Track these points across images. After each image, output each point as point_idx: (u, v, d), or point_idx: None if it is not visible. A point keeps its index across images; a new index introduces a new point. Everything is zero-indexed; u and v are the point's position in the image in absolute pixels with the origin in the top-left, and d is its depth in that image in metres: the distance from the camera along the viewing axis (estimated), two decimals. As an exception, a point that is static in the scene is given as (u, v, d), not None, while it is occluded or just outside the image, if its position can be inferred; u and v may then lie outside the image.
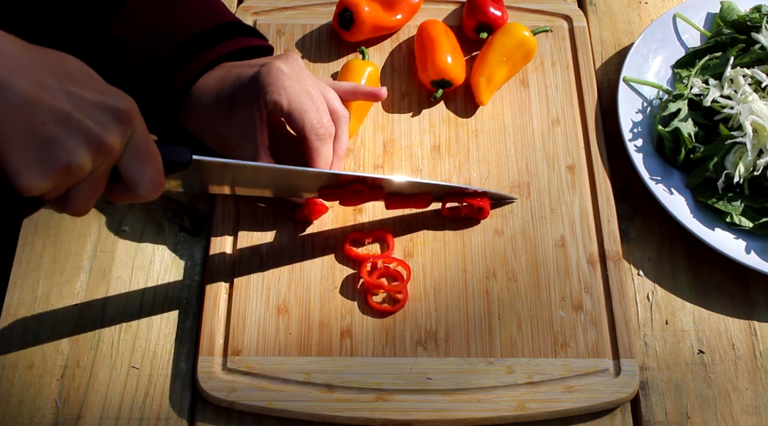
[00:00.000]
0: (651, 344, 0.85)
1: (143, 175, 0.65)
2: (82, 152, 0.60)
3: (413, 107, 0.98)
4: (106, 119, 0.61)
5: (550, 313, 0.84)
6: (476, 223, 0.89)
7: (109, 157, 0.62)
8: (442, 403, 0.79)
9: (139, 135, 0.64)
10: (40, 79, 0.59)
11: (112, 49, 0.84)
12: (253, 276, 0.86)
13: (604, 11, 1.07)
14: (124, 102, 0.62)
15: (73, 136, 0.60)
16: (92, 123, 0.60)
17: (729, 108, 0.93)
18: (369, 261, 0.85)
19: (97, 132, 0.61)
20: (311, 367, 0.80)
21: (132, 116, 0.63)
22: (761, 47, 0.97)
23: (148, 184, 0.66)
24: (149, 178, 0.65)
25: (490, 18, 0.99)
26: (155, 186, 0.66)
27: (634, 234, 0.91)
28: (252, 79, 0.83)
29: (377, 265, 0.85)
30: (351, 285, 0.85)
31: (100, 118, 0.61)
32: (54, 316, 0.83)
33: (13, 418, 0.78)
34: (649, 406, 0.81)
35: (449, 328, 0.83)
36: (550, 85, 1.00)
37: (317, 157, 0.84)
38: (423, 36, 0.99)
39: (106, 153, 0.62)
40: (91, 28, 0.84)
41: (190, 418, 0.79)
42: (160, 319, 0.84)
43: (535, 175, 0.93)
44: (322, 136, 0.84)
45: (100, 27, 0.84)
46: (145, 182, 0.66)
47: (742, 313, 0.87)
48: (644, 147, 0.94)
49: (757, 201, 0.90)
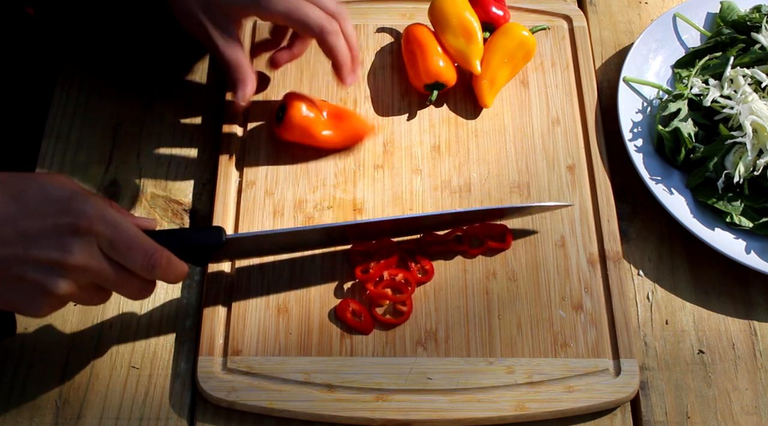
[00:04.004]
0: (651, 344, 0.85)
1: (135, 262, 0.68)
2: (53, 281, 0.65)
3: (413, 107, 0.98)
4: (64, 241, 0.65)
5: (550, 313, 0.84)
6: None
7: (88, 268, 0.66)
8: (442, 403, 0.79)
9: (107, 232, 0.66)
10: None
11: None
12: (253, 276, 0.86)
13: (604, 11, 1.07)
14: (78, 211, 0.65)
15: (39, 272, 0.64)
16: (50, 252, 0.64)
17: (729, 108, 0.93)
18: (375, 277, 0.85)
19: (58, 259, 0.65)
20: (311, 367, 0.80)
21: (90, 222, 0.65)
22: (761, 47, 0.97)
23: (146, 267, 0.69)
24: (143, 263, 0.68)
25: (492, 17, 0.99)
26: (153, 267, 0.69)
27: (634, 234, 0.91)
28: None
29: (383, 277, 0.85)
30: (351, 285, 0.85)
31: (57, 244, 0.64)
32: (54, 316, 0.83)
33: (13, 418, 0.78)
34: (649, 406, 0.81)
35: (449, 328, 0.83)
36: (550, 85, 1.00)
37: (336, 53, 0.85)
38: (410, 41, 0.98)
39: (80, 269, 0.66)
40: None
41: (190, 418, 0.79)
42: (160, 319, 0.84)
43: (535, 175, 0.93)
44: (332, 32, 0.85)
45: None
46: (141, 266, 0.69)
47: (742, 313, 0.87)
48: (644, 147, 0.94)
49: (757, 201, 0.90)
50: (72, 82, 0.97)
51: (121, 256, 0.68)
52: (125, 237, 0.67)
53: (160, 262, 0.69)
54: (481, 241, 0.88)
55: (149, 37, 0.89)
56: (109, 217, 0.67)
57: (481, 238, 0.88)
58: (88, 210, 0.66)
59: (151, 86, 0.98)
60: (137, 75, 0.98)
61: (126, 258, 0.68)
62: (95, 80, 0.98)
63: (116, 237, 0.67)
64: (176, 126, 0.95)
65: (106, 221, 0.66)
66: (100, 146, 0.94)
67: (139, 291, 0.71)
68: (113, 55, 0.98)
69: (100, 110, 0.96)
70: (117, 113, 0.96)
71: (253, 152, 0.93)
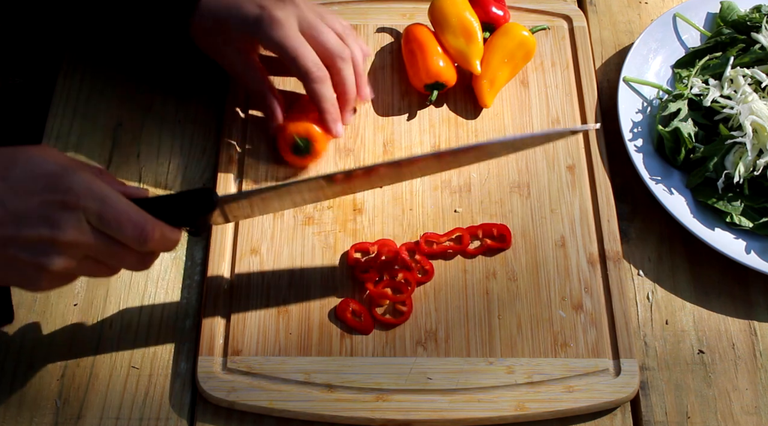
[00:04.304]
0: (651, 344, 0.85)
1: (126, 236, 0.68)
2: (48, 259, 0.65)
3: (413, 107, 0.98)
4: (53, 218, 0.65)
5: (550, 313, 0.84)
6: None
7: (79, 243, 0.66)
8: (442, 403, 0.79)
9: (95, 207, 0.66)
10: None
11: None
12: (253, 276, 0.86)
13: (604, 11, 1.07)
14: (65, 187, 0.65)
15: (32, 251, 0.65)
16: (40, 230, 0.64)
17: (729, 108, 0.93)
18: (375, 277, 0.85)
19: (48, 236, 0.64)
20: (311, 367, 0.80)
21: (78, 197, 0.65)
22: (761, 47, 0.97)
23: (137, 240, 0.68)
24: (134, 237, 0.68)
25: (492, 17, 0.99)
26: (145, 239, 0.68)
27: (634, 234, 0.91)
28: (249, 16, 0.84)
29: (383, 277, 0.85)
30: (351, 284, 0.85)
31: (46, 221, 0.64)
32: (54, 317, 0.83)
33: (13, 418, 0.78)
34: (649, 406, 0.81)
35: (449, 328, 0.83)
36: (550, 85, 1.00)
37: (318, 99, 0.86)
38: (410, 41, 0.98)
39: (72, 245, 0.65)
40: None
41: (190, 418, 0.79)
42: (160, 319, 0.84)
43: (535, 175, 0.93)
44: (318, 79, 0.85)
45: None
46: (132, 240, 0.68)
47: (742, 313, 0.87)
48: (644, 147, 0.94)
49: (757, 201, 0.90)
50: (72, 82, 0.98)
51: (112, 230, 0.67)
52: (114, 211, 0.67)
53: (151, 235, 0.68)
54: (481, 241, 0.88)
55: (150, 39, 0.90)
56: (98, 191, 0.66)
57: (481, 238, 0.88)
58: (76, 185, 0.65)
59: (151, 86, 0.98)
60: (137, 75, 0.98)
61: (116, 232, 0.67)
62: (95, 80, 0.98)
63: (105, 211, 0.66)
64: (176, 126, 0.95)
65: (94, 196, 0.66)
66: (100, 146, 0.94)
67: (138, 263, 0.71)
68: (113, 56, 0.98)
69: (100, 110, 0.96)
70: (117, 113, 0.96)
71: (253, 152, 0.93)
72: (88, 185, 0.66)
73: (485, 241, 0.88)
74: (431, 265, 0.86)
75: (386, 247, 0.87)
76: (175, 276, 0.86)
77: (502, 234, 0.88)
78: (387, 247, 0.87)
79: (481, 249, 0.87)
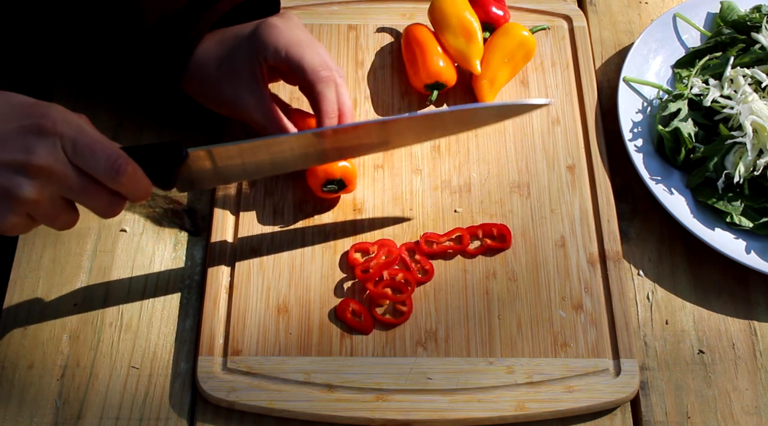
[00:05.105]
0: (651, 344, 0.85)
1: (98, 166, 0.67)
2: (18, 183, 0.64)
3: (413, 107, 0.98)
4: (29, 142, 0.64)
5: (550, 313, 0.84)
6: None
7: (52, 170, 0.65)
8: (442, 403, 0.79)
9: (71, 133, 0.66)
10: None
11: (123, 11, 0.85)
12: (253, 276, 0.86)
13: (604, 11, 1.07)
14: (41, 113, 0.65)
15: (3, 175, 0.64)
16: (15, 153, 0.64)
17: (729, 108, 0.93)
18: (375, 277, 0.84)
19: (22, 159, 0.64)
20: (311, 367, 0.81)
21: (54, 123, 0.65)
22: (761, 47, 0.97)
23: (109, 172, 0.67)
24: (106, 167, 0.67)
25: (492, 17, 0.99)
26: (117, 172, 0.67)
27: (634, 234, 0.91)
28: (250, 35, 0.84)
29: (383, 277, 0.85)
30: (351, 285, 0.85)
31: (21, 146, 0.64)
32: (54, 317, 0.83)
33: (13, 418, 0.78)
34: (649, 406, 0.81)
35: (449, 328, 0.83)
36: (550, 85, 1.00)
37: (322, 100, 0.82)
38: (410, 41, 0.98)
39: (45, 171, 0.65)
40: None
41: (190, 418, 0.79)
42: (160, 319, 0.84)
43: (535, 175, 0.93)
44: (324, 78, 0.82)
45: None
46: (104, 171, 0.67)
47: (742, 313, 0.87)
48: (644, 147, 0.94)
49: (757, 201, 0.90)
50: (72, 83, 0.97)
51: (85, 159, 0.66)
52: (89, 139, 0.67)
53: (125, 168, 0.68)
54: (481, 241, 0.88)
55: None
56: (74, 120, 0.67)
57: (481, 238, 0.88)
58: (52, 112, 0.66)
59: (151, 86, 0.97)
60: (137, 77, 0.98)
61: (89, 161, 0.67)
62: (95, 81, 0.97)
63: (80, 139, 0.66)
64: (176, 126, 0.95)
65: (70, 123, 0.66)
66: (100, 146, 0.93)
67: (107, 206, 0.70)
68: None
69: (100, 110, 0.96)
70: (117, 113, 0.96)
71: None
72: (64, 114, 0.66)
73: (485, 241, 0.88)
74: (431, 265, 0.86)
75: (386, 247, 0.87)
76: (175, 276, 0.86)
77: (502, 234, 0.88)
78: (387, 247, 0.87)
79: (481, 249, 0.88)
